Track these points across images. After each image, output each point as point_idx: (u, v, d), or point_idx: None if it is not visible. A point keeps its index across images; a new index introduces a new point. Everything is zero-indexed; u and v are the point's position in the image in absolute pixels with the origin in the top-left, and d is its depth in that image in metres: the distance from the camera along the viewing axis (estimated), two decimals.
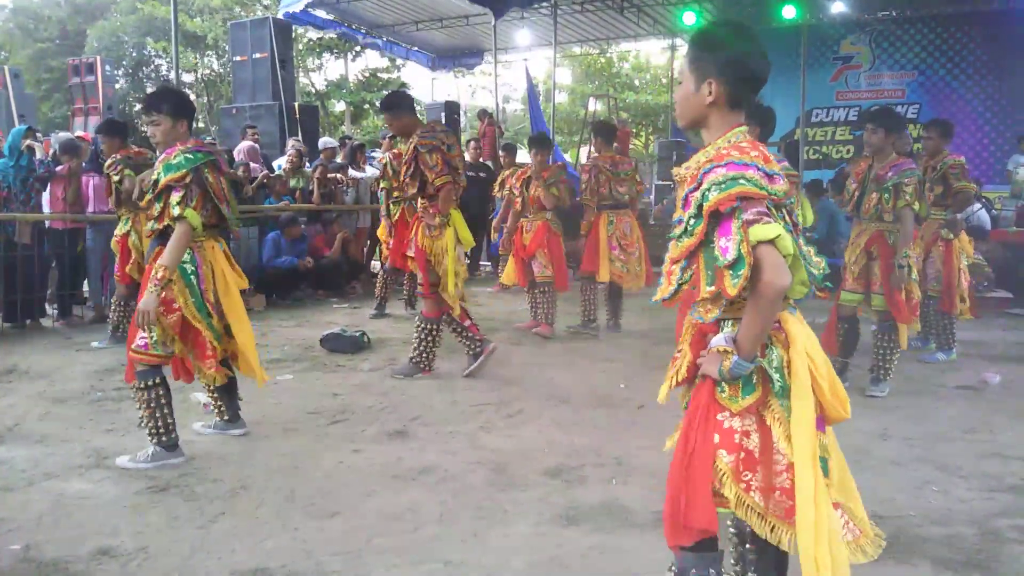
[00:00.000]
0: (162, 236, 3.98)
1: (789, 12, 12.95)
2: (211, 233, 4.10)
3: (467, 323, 5.87)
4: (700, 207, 2.09)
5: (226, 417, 4.52)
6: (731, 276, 2.01)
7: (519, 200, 7.58)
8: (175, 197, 3.87)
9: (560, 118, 22.02)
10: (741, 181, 2.03)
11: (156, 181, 3.93)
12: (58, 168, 7.65)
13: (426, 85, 19.14)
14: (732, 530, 2.42)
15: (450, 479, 3.87)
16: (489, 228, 11.71)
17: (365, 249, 11.14)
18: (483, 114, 14.54)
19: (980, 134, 13.89)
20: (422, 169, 5.53)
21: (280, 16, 13.29)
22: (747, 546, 2.33)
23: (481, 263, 12.68)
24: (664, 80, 23.34)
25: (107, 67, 15.14)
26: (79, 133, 11.32)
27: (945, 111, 13.67)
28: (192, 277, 4.00)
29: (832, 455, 2.19)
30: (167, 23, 19.65)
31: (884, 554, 3.08)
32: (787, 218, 2.14)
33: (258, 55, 12.48)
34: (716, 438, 2.10)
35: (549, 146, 7.79)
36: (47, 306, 8.08)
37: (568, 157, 16.56)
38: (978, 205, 9.52)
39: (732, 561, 2.43)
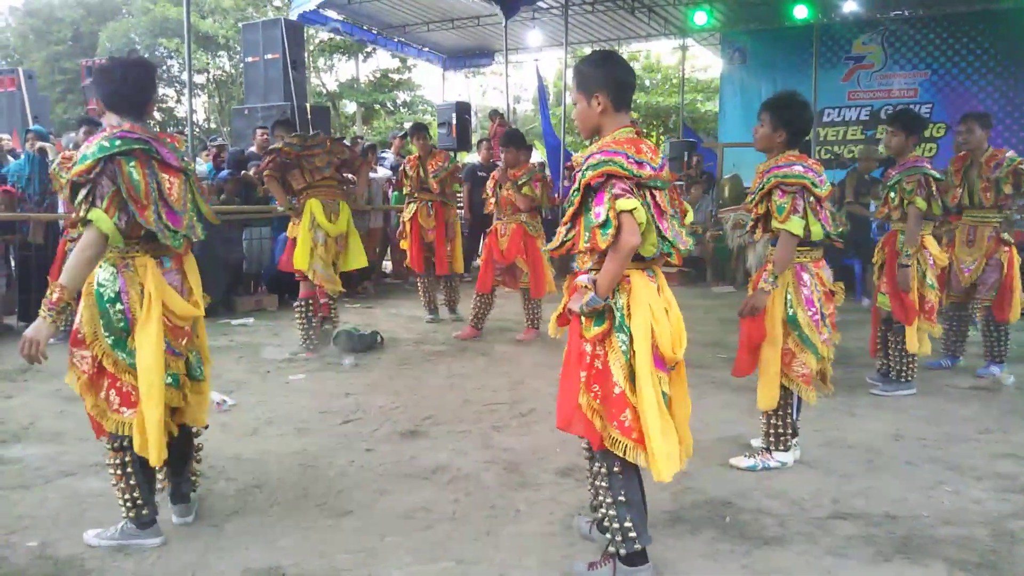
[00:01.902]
0: None
1: (801, 12, 12.92)
2: (148, 247, 3.08)
3: (320, 315, 6.70)
4: (580, 182, 2.72)
5: (167, 489, 3.40)
6: (601, 233, 2.63)
7: (492, 201, 7.31)
8: (80, 194, 2.93)
9: (571, 119, 22.01)
10: (610, 163, 2.65)
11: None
12: None
13: (437, 85, 19.15)
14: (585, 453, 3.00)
15: (463, 478, 3.88)
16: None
17: (377, 249, 11.18)
18: (494, 114, 14.54)
19: (993, 133, 13.77)
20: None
21: (292, 17, 13.33)
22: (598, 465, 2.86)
23: None
24: (675, 81, 23.29)
25: None
26: None
27: (958, 111, 13.52)
28: (108, 304, 3.01)
29: (673, 393, 2.85)
30: (179, 24, 19.73)
31: (897, 554, 3.09)
32: (648, 196, 2.73)
33: (270, 56, 12.50)
34: (578, 359, 2.81)
35: (521, 144, 7.26)
36: None
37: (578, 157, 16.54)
38: None
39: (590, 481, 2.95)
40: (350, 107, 27.78)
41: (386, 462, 4.11)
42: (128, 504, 3.11)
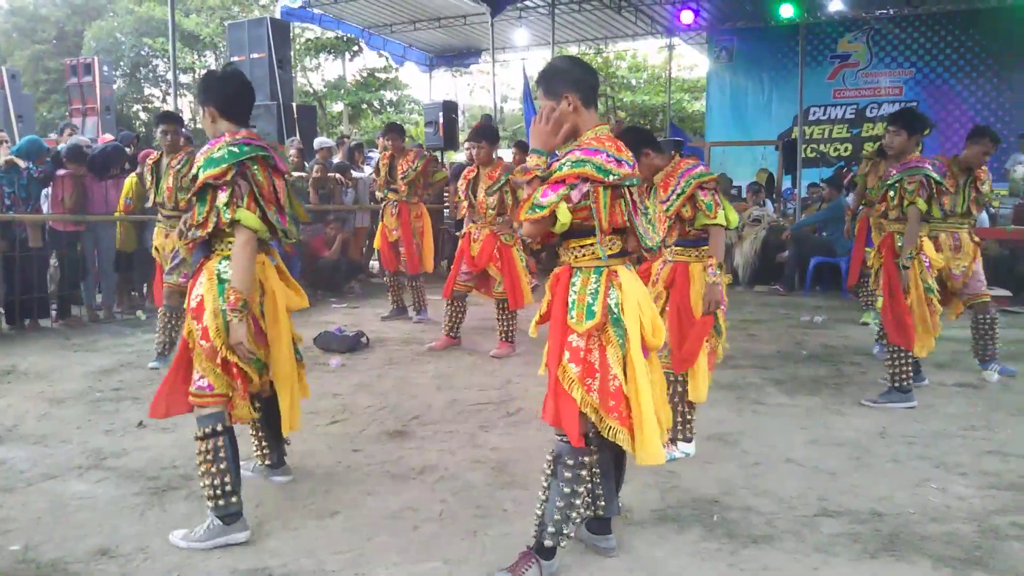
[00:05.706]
0: (206, 245, 3.30)
1: (787, 11, 12.96)
2: (261, 246, 3.34)
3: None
4: (555, 175, 2.72)
5: (268, 462, 3.86)
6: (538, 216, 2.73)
7: (464, 205, 6.66)
8: (222, 198, 3.14)
9: None
10: (588, 165, 2.69)
11: (195, 177, 3.19)
12: (59, 172, 7.65)
13: (424, 84, 19.12)
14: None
15: (450, 478, 3.87)
16: None
17: (364, 249, 11.16)
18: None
19: None
20: None
21: (278, 15, 13.30)
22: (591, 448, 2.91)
23: None
24: (661, 80, 23.33)
25: (105, 68, 15.12)
26: (107, 136, 11.27)
27: (943, 109, 13.71)
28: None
29: (652, 376, 2.89)
30: (164, 23, 19.61)
31: (883, 551, 3.10)
32: (627, 193, 2.79)
33: (256, 55, 12.46)
34: (567, 355, 2.79)
35: (493, 139, 6.66)
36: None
37: None
38: None
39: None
40: (336, 106, 27.69)
41: (373, 462, 4.10)
42: (218, 491, 3.16)
